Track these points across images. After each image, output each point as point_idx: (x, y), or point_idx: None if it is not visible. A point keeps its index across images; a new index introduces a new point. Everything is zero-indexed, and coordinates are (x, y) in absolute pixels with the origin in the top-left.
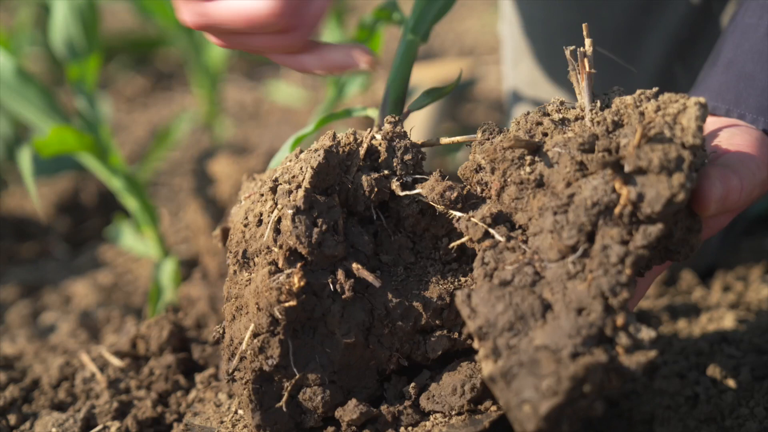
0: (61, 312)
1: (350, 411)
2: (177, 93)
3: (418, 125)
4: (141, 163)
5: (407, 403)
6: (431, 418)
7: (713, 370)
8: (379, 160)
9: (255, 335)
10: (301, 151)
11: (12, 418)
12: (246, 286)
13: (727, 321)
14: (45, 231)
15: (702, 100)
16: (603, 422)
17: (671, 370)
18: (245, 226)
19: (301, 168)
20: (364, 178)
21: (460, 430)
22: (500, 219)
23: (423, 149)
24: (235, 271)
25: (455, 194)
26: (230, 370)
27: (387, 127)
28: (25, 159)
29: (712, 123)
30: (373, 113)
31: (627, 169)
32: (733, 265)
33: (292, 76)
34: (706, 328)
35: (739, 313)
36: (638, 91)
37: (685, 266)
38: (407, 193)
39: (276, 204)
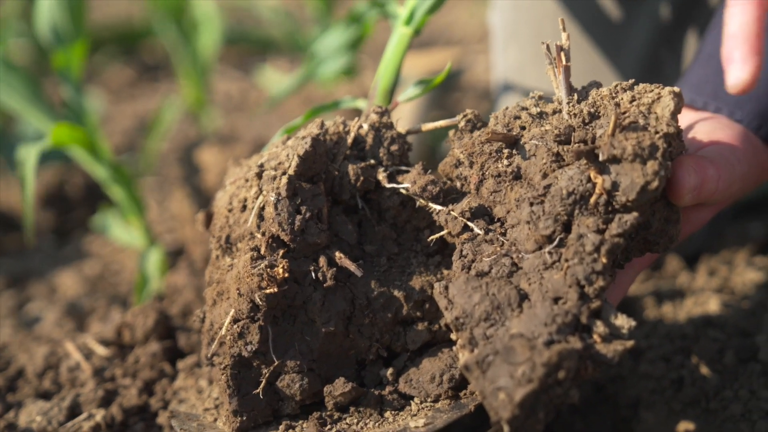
0: (46, 302)
1: (340, 387)
2: (163, 84)
3: (406, 114)
4: (133, 154)
5: (390, 388)
6: (415, 400)
7: (698, 354)
8: (366, 150)
9: (235, 321)
10: (289, 138)
11: None
12: (228, 271)
13: (712, 305)
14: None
15: (676, 89)
16: (589, 406)
17: (656, 354)
18: (229, 211)
19: (287, 155)
20: (350, 166)
21: (445, 414)
22: (479, 213)
23: (409, 140)
24: (217, 256)
25: (437, 188)
26: (209, 355)
27: (374, 117)
28: (30, 157)
29: (692, 116)
30: (362, 105)
31: (602, 158)
32: (718, 250)
33: (280, 64)
34: (692, 312)
35: (724, 297)
36: (615, 83)
37: (671, 251)
38: (393, 185)
39: (261, 190)
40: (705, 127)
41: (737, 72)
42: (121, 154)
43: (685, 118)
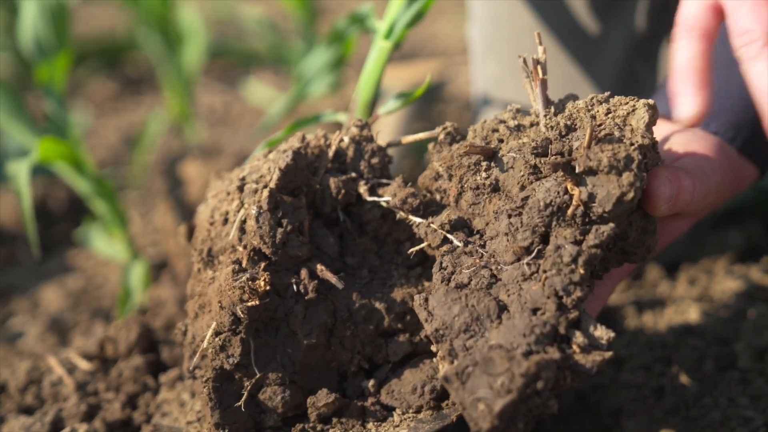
0: (29, 317)
1: (323, 398)
2: (147, 97)
3: (389, 126)
4: (117, 168)
5: (372, 399)
6: (397, 411)
7: (678, 362)
8: (347, 163)
9: (217, 333)
10: (270, 151)
11: None
12: (210, 284)
13: (692, 313)
14: (13, 237)
15: (650, 101)
16: (570, 416)
17: (637, 363)
18: (211, 224)
19: (269, 168)
20: (331, 180)
21: (428, 424)
22: (458, 225)
23: (390, 152)
24: (199, 269)
25: (417, 201)
26: (191, 368)
27: (354, 130)
28: (22, 172)
29: (668, 128)
30: (343, 118)
31: (578, 170)
32: (698, 259)
33: (264, 76)
34: (672, 320)
35: (704, 306)
36: (590, 96)
37: (652, 260)
38: (374, 198)
39: (242, 203)
40: (680, 138)
41: (689, 105)
42: (105, 168)
43: (661, 129)
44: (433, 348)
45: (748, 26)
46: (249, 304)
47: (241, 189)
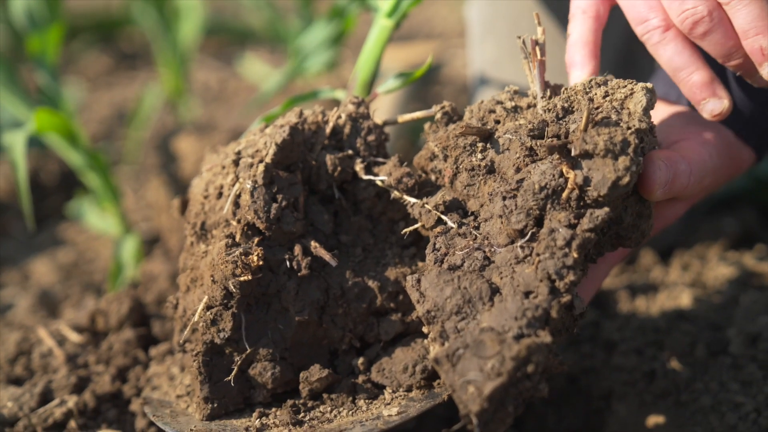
0: (19, 289)
1: (316, 372)
2: (141, 73)
3: (386, 108)
4: (110, 142)
5: (363, 377)
6: (387, 389)
7: (670, 347)
8: (343, 140)
9: (208, 307)
10: (267, 126)
11: None
12: (202, 258)
13: (685, 299)
14: (4, 209)
15: (649, 85)
16: (562, 398)
17: (629, 347)
18: (205, 197)
19: (265, 143)
20: (328, 156)
21: (419, 403)
22: (453, 206)
23: (386, 130)
24: (192, 243)
25: (412, 181)
26: (181, 342)
27: (350, 107)
28: (18, 143)
29: (666, 110)
30: (341, 95)
31: (574, 153)
32: (692, 245)
33: (259, 54)
34: (664, 305)
35: (697, 291)
36: (589, 78)
37: (645, 245)
38: (370, 177)
39: (237, 177)
40: (678, 120)
41: (578, 72)
42: (98, 143)
43: (659, 111)
44: (425, 329)
45: (645, 15)
46: (241, 278)
47: (236, 163)
